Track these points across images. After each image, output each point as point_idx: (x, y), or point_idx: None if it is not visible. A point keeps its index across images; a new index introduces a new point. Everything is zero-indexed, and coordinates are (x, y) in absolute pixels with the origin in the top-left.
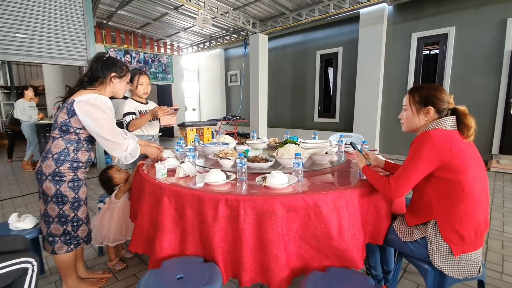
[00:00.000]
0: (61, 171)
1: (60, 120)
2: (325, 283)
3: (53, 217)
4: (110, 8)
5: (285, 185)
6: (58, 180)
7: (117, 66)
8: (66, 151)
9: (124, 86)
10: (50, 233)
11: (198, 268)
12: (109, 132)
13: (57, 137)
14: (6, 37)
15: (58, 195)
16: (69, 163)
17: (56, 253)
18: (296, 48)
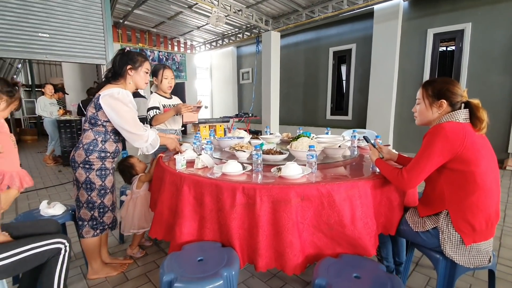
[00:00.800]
0: (90, 160)
1: (89, 114)
2: (337, 268)
3: (83, 202)
4: (127, 8)
5: (300, 175)
6: (88, 168)
7: (132, 58)
8: (95, 142)
9: (143, 76)
10: (79, 217)
11: (217, 252)
12: (131, 124)
13: (87, 129)
14: (30, 37)
15: (87, 182)
16: (97, 152)
17: (83, 236)
18: (308, 45)
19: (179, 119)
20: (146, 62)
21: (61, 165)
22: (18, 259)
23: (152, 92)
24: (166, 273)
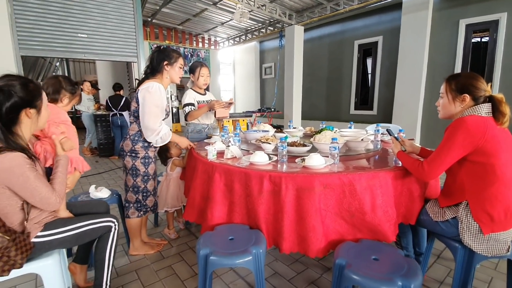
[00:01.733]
0: (136, 149)
1: (132, 108)
2: (357, 250)
3: (129, 186)
4: (155, 7)
5: (323, 165)
6: (134, 156)
7: (168, 55)
8: (139, 133)
9: (177, 71)
10: (126, 200)
11: (245, 233)
12: (151, 119)
13: (132, 122)
14: (70, 37)
15: (133, 168)
16: (141, 142)
17: (129, 217)
18: (332, 39)
19: (211, 114)
20: (181, 58)
21: (97, 156)
22: (78, 232)
23: (188, 87)
24: (202, 248)
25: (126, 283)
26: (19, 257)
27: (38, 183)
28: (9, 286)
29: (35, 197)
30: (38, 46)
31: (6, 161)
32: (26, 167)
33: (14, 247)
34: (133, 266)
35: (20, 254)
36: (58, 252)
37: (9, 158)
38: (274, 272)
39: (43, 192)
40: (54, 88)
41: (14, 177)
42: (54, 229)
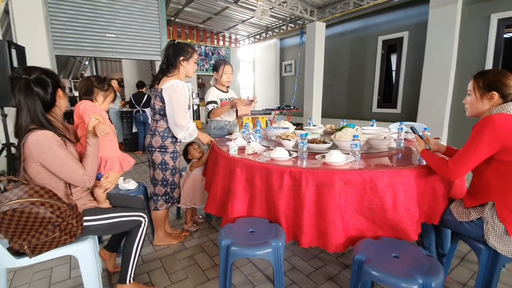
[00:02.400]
0: (165, 145)
1: (157, 107)
2: (377, 247)
3: (158, 180)
4: (178, 6)
5: (343, 162)
6: (164, 152)
7: (184, 50)
8: (168, 129)
9: (193, 66)
10: (154, 193)
11: (265, 226)
12: (181, 117)
13: (159, 120)
14: (99, 37)
15: (163, 163)
16: (171, 138)
17: (158, 209)
18: (355, 35)
19: (233, 112)
20: (195, 53)
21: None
22: (112, 222)
23: (211, 85)
24: (224, 239)
25: (151, 270)
26: (79, 223)
27: (66, 159)
28: (47, 267)
29: (64, 173)
30: (70, 46)
31: (36, 138)
32: (54, 143)
33: (73, 215)
34: (157, 255)
35: (78, 222)
36: (92, 237)
37: (38, 135)
38: (292, 266)
39: (72, 168)
40: (87, 88)
41: (44, 153)
42: (91, 216)
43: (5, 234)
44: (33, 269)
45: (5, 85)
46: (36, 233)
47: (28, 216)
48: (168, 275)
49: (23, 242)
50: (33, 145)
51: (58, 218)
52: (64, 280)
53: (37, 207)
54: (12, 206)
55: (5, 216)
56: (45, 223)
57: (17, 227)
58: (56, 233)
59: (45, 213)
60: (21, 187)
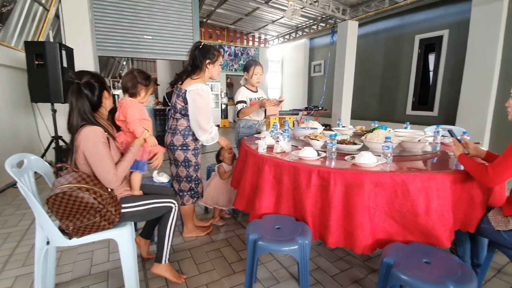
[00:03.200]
0: (187, 143)
1: (179, 107)
2: (407, 252)
3: (183, 177)
4: (210, 8)
5: (374, 164)
6: (185, 149)
7: (210, 53)
8: (188, 128)
9: (218, 69)
10: (180, 189)
11: (292, 224)
12: (205, 121)
13: (179, 118)
14: (137, 39)
15: (185, 160)
16: (191, 136)
17: (185, 204)
18: (390, 34)
19: (261, 112)
20: (221, 56)
21: None
22: (146, 208)
23: (241, 85)
24: (251, 233)
25: (181, 259)
26: (117, 212)
27: (105, 157)
28: (89, 250)
29: (97, 168)
30: (111, 47)
31: (87, 132)
32: (100, 140)
33: (113, 203)
34: (186, 245)
35: (116, 210)
36: (130, 224)
37: (90, 130)
38: (317, 266)
39: (106, 166)
40: (132, 83)
41: (89, 144)
42: (127, 203)
43: (56, 214)
44: (77, 251)
45: (56, 83)
46: (80, 216)
47: (74, 200)
48: (196, 265)
49: (69, 223)
50: (82, 137)
51: (99, 204)
52: (103, 263)
53: (82, 192)
54: (63, 189)
55: (56, 197)
56: (88, 208)
57: (66, 209)
58: (96, 218)
59: (88, 198)
60: (71, 174)
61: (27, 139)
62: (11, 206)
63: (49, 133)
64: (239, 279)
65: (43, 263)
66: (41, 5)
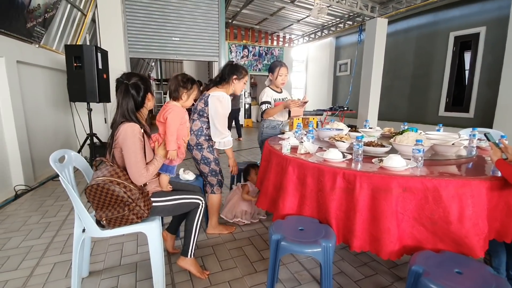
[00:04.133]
0: (200, 142)
1: (199, 108)
2: (437, 260)
3: (206, 173)
4: (235, 9)
5: (403, 168)
6: (200, 148)
7: (238, 70)
8: (201, 129)
9: (242, 85)
10: (208, 183)
11: (315, 226)
12: (221, 123)
13: (196, 120)
14: (165, 41)
15: (203, 158)
16: (204, 136)
17: (215, 193)
18: (422, 31)
19: (285, 112)
20: (247, 76)
21: None
22: (175, 204)
23: (266, 85)
24: (274, 233)
25: (204, 255)
26: (146, 207)
27: (139, 153)
28: (119, 241)
29: (130, 161)
30: (142, 49)
31: (126, 127)
32: (137, 137)
33: (142, 199)
34: (210, 242)
35: (145, 206)
36: (159, 218)
37: (129, 126)
38: (340, 271)
39: (138, 163)
40: (174, 87)
41: (126, 140)
42: (158, 197)
43: (92, 204)
44: (109, 242)
45: (92, 84)
46: (111, 208)
47: (107, 192)
48: (219, 262)
49: (102, 214)
50: (121, 133)
51: (128, 198)
52: (132, 254)
53: (114, 185)
54: (97, 181)
55: (92, 188)
56: (118, 201)
57: (100, 200)
58: (125, 211)
59: (119, 191)
60: (107, 168)
61: (66, 135)
62: (51, 197)
63: (84, 131)
64: (260, 278)
65: (79, 251)
66: (79, 10)
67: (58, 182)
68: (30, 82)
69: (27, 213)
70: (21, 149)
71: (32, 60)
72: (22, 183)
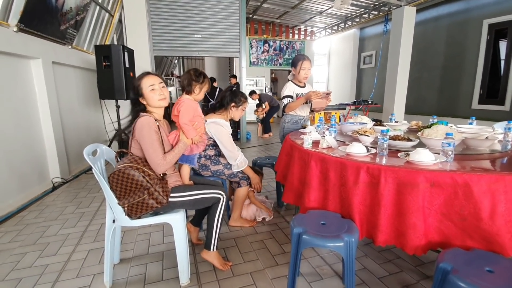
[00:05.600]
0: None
1: None
2: (467, 258)
3: (225, 179)
4: (256, 3)
5: (431, 162)
6: (206, 168)
7: (237, 97)
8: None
9: (240, 112)
10: (233, 182)
11: (338, 221)
12: (229, 146)
13: None
14: (188, 38)
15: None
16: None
17: (241, 186)
18: (453, 19)
19: (307, 107)
20: (246, 103)
21: None
22: (195, 198)
23: (288, 80)
24: (296, 227)
25: (227, 247)
26: (164, 193)
27: (155, 143)
28: (147, 232)
29: (149, 152)
30: (165, 47)
31: (141, 120)
32: (152, 128)
33: (160, 184)
34: (232, 235)
35: (164, 192)
36: (183, 210)
37: (144, 118)
38: (363, 267)
39: (156, 151)
40: (187, 80)
41: (142, 132)
42: (178, 192)
43: (115, 193)
44: (137, 232)
45: (120, 82)
46: (132, 193)
47: (127, 177)
48: (241, 254)
49: (125, 201)
50: (138, 125)
51: (147, 183)
52: (159, 244)
53: (133, 170)
54: (119, 168)
55: (114, 175)
56: (138, 185)
57: (122, 186)
58: (145, 195)
59: (138, 176)
60: (127, 157)
61: (96, 131)
62: (84, 189)
63: (113, 126)
64: (282, 271)
65: (111, 240)
66: (107, 12)
67: (90, 175)
68: (64, 82)
69: (63, 204)
70: (57, 144)
71: (66, 61)
72: (58, 176)
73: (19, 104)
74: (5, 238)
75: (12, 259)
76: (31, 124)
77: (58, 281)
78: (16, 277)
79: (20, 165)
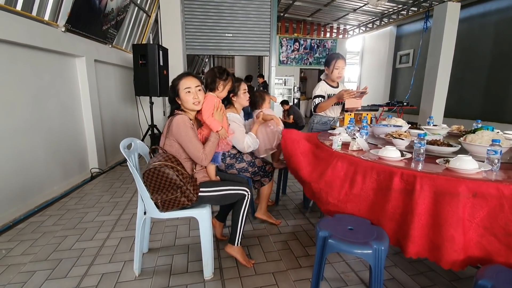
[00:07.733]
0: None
1: None
2: (510, 277)
3: (250, 176)
4: (288, 1)
5: (475, 170)
6: (232, 166)
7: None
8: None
9: (243, 97)
10: (256, 181)
11: (366, 227)
12: (242, 138)
13: None
14: (220, 37)
15: (240, 170)
16: (227, 158)
17: (264, 184)
18: (502, 16)
19: (337, 108)
20: (242, 84)
21: None
22: (222, 194)
23: (321, 79)
24: (321, 230)
25: (250, 245)
26: (195, 191)
27: (194, 139)
28: (174, 224)
29: (189, 148)
30: (198, 46)
31: (178, 119)
32: (188, 125)
33: (191, 183)
34: (255, 233)
35: (194, 190)
36: (209, 205)
37: (180, 117)
38: (391, 277)
39: (196, 146)
40: (211, 78)
41: (180, 130)
42: (206, 188)
43: (148, 188)
44: (165, 224)
45: (154, 80)
46: (165, 190)
47: (162, 175)
48: (264, 253)
49: (158, 197)
50: (174, 124)
51: (180, 181)
52: (185, 237)
53: (168, 168)
54: (154, 166)
55: (149, 172)
56: (172, 184)
57: (156, 183)
58: (178, 193)
59: (172, 175)
60: (161, 154)
61: (132, 126)
62: (118, 180)
63: (147, 122)
64: (305, 274)
65: (141, 230)
66: (144, 12)
67: (125, 167)
68: (104, 79)
69: (100, 193)
70: (97, 137)
71: (106, 59)
72: (96, 166)
73: (65, 99)
74: (49, 220)
75: (55, 241)
76: (75, 118)
77: (93, 264)
78: (57, 258)
79: (65, 155)
